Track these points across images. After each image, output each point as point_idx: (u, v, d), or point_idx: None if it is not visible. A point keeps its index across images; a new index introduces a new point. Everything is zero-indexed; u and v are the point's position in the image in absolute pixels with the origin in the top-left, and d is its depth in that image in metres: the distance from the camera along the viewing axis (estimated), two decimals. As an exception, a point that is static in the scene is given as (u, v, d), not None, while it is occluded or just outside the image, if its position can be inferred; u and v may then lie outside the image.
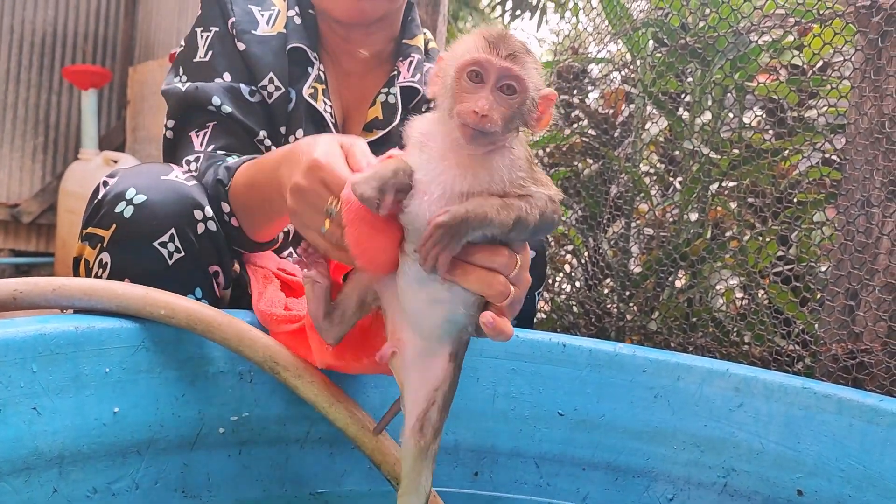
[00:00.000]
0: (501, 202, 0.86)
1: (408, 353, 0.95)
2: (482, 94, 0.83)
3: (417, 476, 0.94)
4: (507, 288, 0.89)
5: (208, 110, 1.35)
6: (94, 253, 1.19)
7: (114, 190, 1.18)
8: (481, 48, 0.84)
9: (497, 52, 0.84)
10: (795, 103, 1.64)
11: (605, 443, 1.25)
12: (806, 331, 1.51)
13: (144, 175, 1.21)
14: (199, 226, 1.19)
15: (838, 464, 1.09)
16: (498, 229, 0.86)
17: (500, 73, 0.84)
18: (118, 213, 1.16)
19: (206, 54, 1.39)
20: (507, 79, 0.84)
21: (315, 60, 1.44)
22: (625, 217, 2.02)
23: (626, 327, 1.95)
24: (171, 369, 1.08)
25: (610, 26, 2.08)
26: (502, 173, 0.86)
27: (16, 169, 5.72)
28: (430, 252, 0.85)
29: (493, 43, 0.84)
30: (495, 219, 0.85)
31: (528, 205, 0.87)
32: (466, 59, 0.84)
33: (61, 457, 0.97)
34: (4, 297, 1.03)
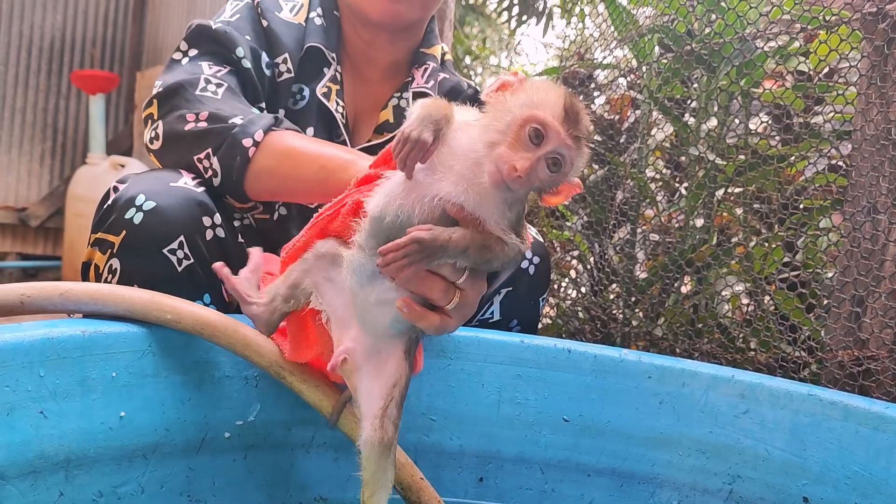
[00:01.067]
0: (483, 242, 0.87)
1: (358, 355, 0.96)
2: (530, 156, 0.83)
3: (384, 473, 0.94)
4: (451, 291, 0.90)
5: (231, 56, 1.35)
6: (104, 258, 1.19)
7: (124, 196, 1.19)
8: (556, 115, 0.83)
9: (567, 128, 0.83)
10: (801, 109, 1.64)
11: (610, 449, 1.25)
12: (812, 337, 1.51)
13: (154, 181, 1.21)
14: (207, 232, 1.20)
15: (844, 471, 1.09)
16: (469, 265, 0.88)
17: (558, 147, 0.84)
18: (128, 219, 1.16)
19: (232, 16, 1.42)
20: (560, 155, 0.84)
21: (332, 61, 1.46)
22: (630, 223, 2.02)
23: (631, 333, 1.95)
24: (177, 374, 1.09)
25: (616, 32, 2.08)
26: (491, 208, 0.87)
27: (24, 173, 5.75)
28: (396, 261, 0.85)
29: (569, 116, 0.84)
30: (472, 256, 0.87)
31: (500, 251, 0.88)
32: (537, 116, 0.83)
33: (67, 460, 0.98)
34: (12, 302, 1.04)
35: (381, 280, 0.90)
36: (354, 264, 0.92)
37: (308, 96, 1.44)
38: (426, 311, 0.91)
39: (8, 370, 0.93)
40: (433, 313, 0.91)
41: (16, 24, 5.69)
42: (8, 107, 5.69)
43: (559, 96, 0.85)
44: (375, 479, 0.94)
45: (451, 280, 0.90)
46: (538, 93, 0.86)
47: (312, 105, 1.44)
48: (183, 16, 5.64)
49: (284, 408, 1.15)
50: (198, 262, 1.19)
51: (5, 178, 5.70)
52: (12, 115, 5.71)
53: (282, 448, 1.16)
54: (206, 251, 1.20)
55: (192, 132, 1.25)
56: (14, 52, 5.69)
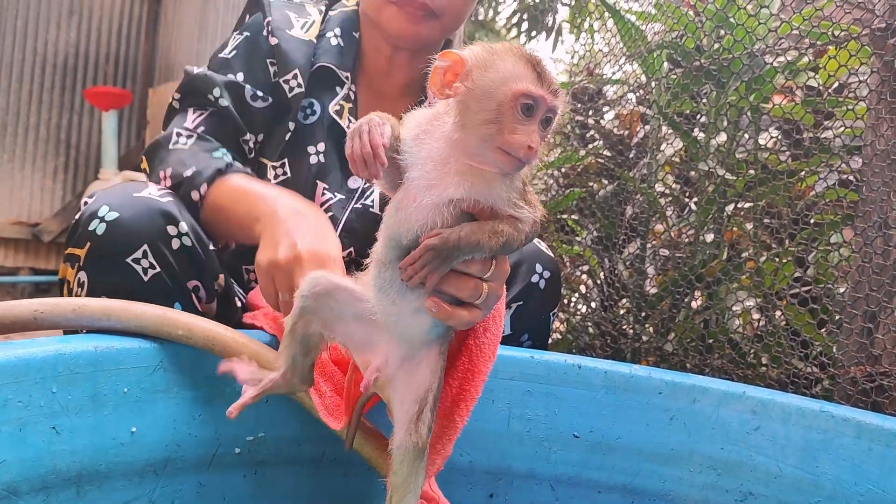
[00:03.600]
0: (492, 228, 0.87)
1: (391, 368, 0.96)
2: (533, 129, 0.83)
3: (416, 477, 0.94)
4: (479, 288, 0.91)
5: (208, 98, 1.42)
6: (73, 272, 1.20)
7: (89, 209, 1.20)
8: (534, 80, 0.84)
9: (548, 87, 0.84)
10: (811, 124, 1.63)
11: (620, 465, 1.24)
12: (824, 353, 1.50)
13: (118, 193, 1.23)
14: (173, 241, 1.21)
15: (857, 488, 1.08)
16: (487, 254, 0.88)
17: (548, 109, 0.84)
18: (91, 230, 1.17)
19: (230, 52, 1.48)
20: (551, 112, 0.85)
21: (346, 81, 1.49)
22: (640, 238, 2.02)
23: (641, 348, 1.94)
24: (188, 389, 1.09)
25: (625, 48, 2.09)
26: (500, 191, 0.87)
27: (37, 189, 5.80)
28: (417, 272, 0.86)
29: (541, 74, 0.84)
30: (486, 245, 0.86)
31: (515, 229, 0.88)
32: (522, 89, 0.83)
33: (79, 476, 0.98)
34: (25, 317, 1.05)
35: (413, 290, 0.90)
36: (381, 283, 0.92)
37: (319, 112, 1.48)
38: (455, 309, 0.90)
39: (21, 386, 0.93)
40: (462, 310, 0.91)
41: (30, 42, 5.76)
42: (22, 123, 5.75)
43: (522, 59, 0.85)
44: (407, 484, 0.94)
45: (480, 276, 0.90)
46: (503, 64, 0.85)
47: (323, 121, 1.47)
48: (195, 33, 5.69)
49: (295, 424, 1.15)
50: (164, 270, 1.19)
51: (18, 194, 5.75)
52: (26, 132, 5.77)
53: (292, 464, 1.17)
54: (174, 260, 1.20)
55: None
56: (28, 68, 5.76)
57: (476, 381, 1.01)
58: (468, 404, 1.01)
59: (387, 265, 0.91)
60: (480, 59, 0.86)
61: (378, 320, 0.94)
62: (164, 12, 6.16)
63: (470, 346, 1.03)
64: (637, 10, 2.09)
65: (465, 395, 1.01)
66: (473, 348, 1.02)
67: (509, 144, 0.83)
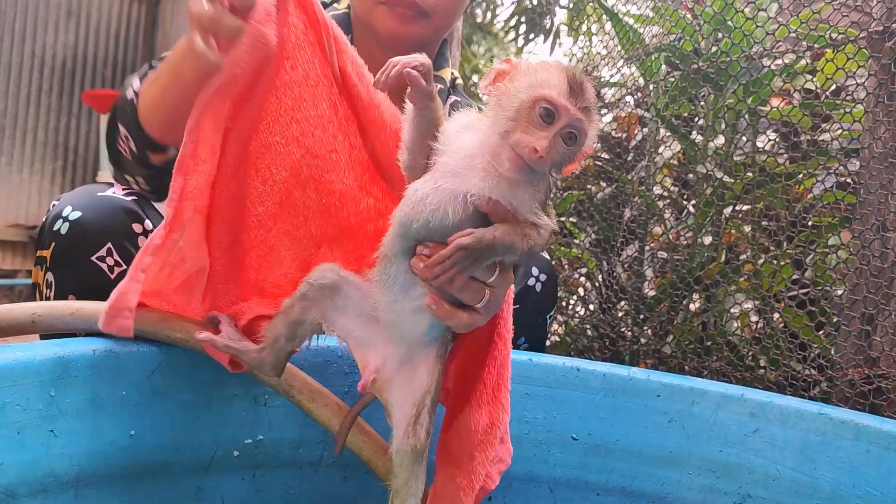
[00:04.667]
0: (524, 232, 0.86)
1: (389, 370, 0.95)
2: (545, 135, 0.83)
3: (416, 481, 0.93)
4: (482, 291, 0.90)
5: None
6: (42, 274, 1.20)
7: (54, 211, 1.20)
8: (562, 91, 0.83)
9: (575, 102, 0.83)
10: (809, 127, 1.64)
11: (619, 468, 1.24)
12: (822, 355, 1.50)
13: (83, 194, 1.23)
14: (139, 239, 1.21)
15: (855, 490, 1.08)
16: (515, 257, 0.87)
17: (570, 122, 0.84)
18: (56, 230, 1.18)
19: None
20: (573, 129, 0.84)
21: None
22: (638, 240, 2.02)
23: (640, 351, 1.94)
24: (186, 392, 1.09)
25: (623, 50, 2.09)
26: (524, 198, 0.87)
27: (35, 192, 5.79)
28: (446, 272, 0.85)
29: (574, 89, 0.84)
30: (518, 248, 0.86)
31: (538, 235, 0.87)
32: (545, 95, 0.83)
33: (77, 479, 0.98)
34: (23, 321, 1.05)
35: (415, 288, 0.90)
36: (385, 279, 0.91)
37: None
38: (455, 310, 0.90)
39: (19, 389, 0.93)
40: (462, 311, 0.90)
41: (28, 44, 5.75)
42: (19, 126, 5.74)
43: (561, 71, 0.85)
44: (407, 487, 0.93)
45: (484, 280, 0.89)
46: (539, 72, 0.85)
47: None
48: (193, 35, 5.66)
49: (293, 427, 1.15)
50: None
51: (16, 197, 5.74)
52: (24, 134, 5.76)
53: (290, 467, 1.16)
54: None
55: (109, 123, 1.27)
56: (26, 71, 5.75)
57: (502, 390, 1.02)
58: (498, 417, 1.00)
59: (392, 260, 0.90)
60: (526, 66, 0.87)
61: (380, 318, 0.94)
62: (162, 15, 6.17)
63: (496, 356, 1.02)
64: (635, 13, 2.10)
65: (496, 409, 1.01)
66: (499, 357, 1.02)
67: (516, 143, 0.83)
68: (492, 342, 1.01)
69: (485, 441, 0.98)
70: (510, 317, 1.03)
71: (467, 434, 0.98)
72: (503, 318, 1.02)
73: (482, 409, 0.99)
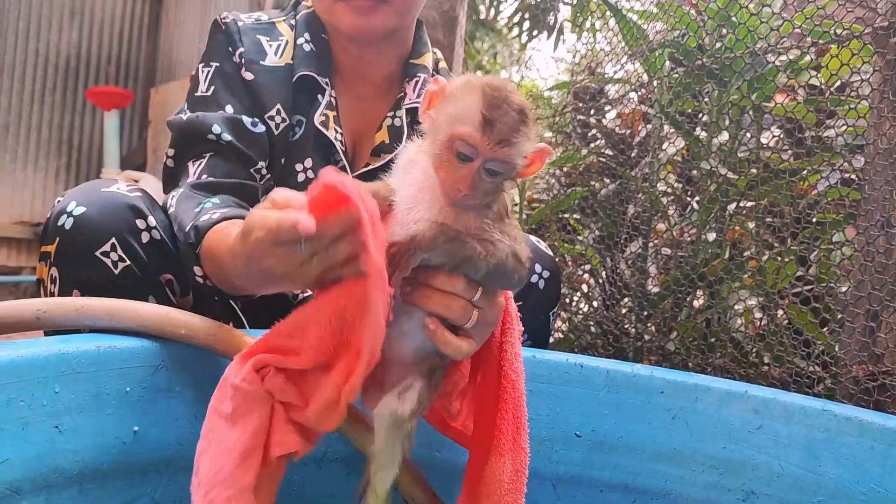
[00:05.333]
0: (456, 234, 0.88)
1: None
2: (465, 173, 0.84)
3: (392, 449, 0.93)
4: (469, 310, 0.91)
5: (208, 139, 1.33)
6: (46, 269, 1.21)
7: (58, 207, 1.21)
8: (476, 126, 0.83)
9: (489, 136, 0.83)
10: (813, 123, 1.63)
11: (622, 464, 1.24)
12: (826, 352, 1.50)
13: (87, 189, 1.23)
14: (143, 235, 1.21)
15: (860, 487, 1.08)
16: (445, 259, 0.88)
17: (487, 157, 0.84)
18: (60, 226, 1.18)
19: (207, 89, 1.40)
20: (493, 164, 0.85)
21: (326, 87, 1.44)
22: (642, 237, 2.02)
23: (643, 348, 1.94)
24: (190, 388, 1.09)
25: (626, 47, 2.09)
26: (469, 216, 0.89)
27: (39, 189, 5.81)
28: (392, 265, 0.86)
29: (488, 121, 0.83)
30: (441, 248, 0.87)
31: (484, 250, 0.88)
32: (459, 133, 0.83)
33: (82, 475, 0.98)
34: (28, 317, 1.05)
35: (404, 311, 0.91)
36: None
37: (304, 126, 1.41)
38: (450, 335, 0.91)
39: (24, 385, 0.93)
40: (456, 337, 0.92)
41: (32, 43, 5.76)
42: (24, 123, 5.76)
43: (477, 100, 0.83)
44: (381, 454, 0.93)
45: (468, 297, 0.90)
46: (458, 101, 0.85)
47: (310, 134, 1.41)
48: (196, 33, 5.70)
49: (297, 423, 1.15)
50: (135, 263, 1.19)
51: (21, 194, 5.76)
52: (28, 132, 5.78)
53: (294, 463, 1.16)
54: (144, 253, 1.20)
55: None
56: (30, 69, 5.77)
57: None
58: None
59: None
60: (451, 91, 0.87)
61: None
62: (166, 12, 6.17)
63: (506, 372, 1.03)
64: (639, 9, 2.09)
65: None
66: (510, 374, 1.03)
67: (441, 183, 0.86)
68: (500, 387, 1.01)
69: (513, 489, 0.99)
70: (518, 360, 1.03)
71: (495, 485, 0.98)
72: (507, 359, 1.02)
73: (504, 456, 0.99)
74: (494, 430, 1.00)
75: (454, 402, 1.05)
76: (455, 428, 1.05)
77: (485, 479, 0.99)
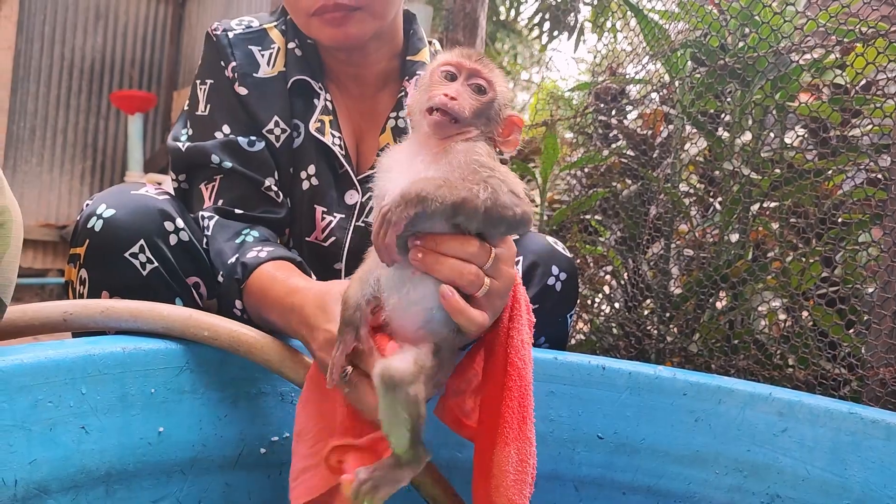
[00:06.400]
0: (444, 182, 0.89)
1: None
2: (452, 86, 0.94)
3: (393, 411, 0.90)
4: (481, 277, 0.91)
5: (211, 167, 1.36)
6: (76, 271, 1.22)
7: (88, 210, 1.23)
8: (453, 54, 0.96)
9: (467, 56, 0.96)
10: (838, 123, 1.62)
11: (645, 467, 1.24)
12: (852, 354, 1.48)
13: (116, 192, 1.25)
14: (171, 237, 1.23)
15: (886, 491, 1.06)
16: (438, 206, 0.87)
17: (470, 72, 0.95)
18: (90, 228, 1.20)
19: (205, 108, 1.41)
20: (476, 78, 0.95)
21: (320, 91, 1.43)
22: (664, 238, 2.01)
23: (666, 349, 1.93)
24: (214, 390, 1.10)
25: (648, 47, 2.08)
26: (459, 157, 0.91)
27: (65, 192, 5.89)
28: (378, 239, 0.88)
29: (464, 52, 0.97)
30: (431, 194, 0.87)
31: (477, 188, 0.89)
32: (440, 61, 0.96)
33: (108, 475, 1.00)
34: (55, 319, 1.06)
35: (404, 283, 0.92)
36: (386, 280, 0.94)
37: (303, 132, 1.41)
38: (464, 303, 0.91)
39: (51, 386, 0.95)
40: (470, 307, 0.91)
41: (58, 48, 5.84)
42: (49, 127, 5.84)
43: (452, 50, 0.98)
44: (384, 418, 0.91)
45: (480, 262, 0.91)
46: (435, 60, 0.99)
47: (309, 141, 1.41)
48: (219, 36, 5.71)
49: (319, 424, 1.16)
50: (163, 265, 1.21)
51: (47, 197, 5.84)
52: (54, 136, 5.85)
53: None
54: (172, 255, 1.22)
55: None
56: (56, 74, 5.85)
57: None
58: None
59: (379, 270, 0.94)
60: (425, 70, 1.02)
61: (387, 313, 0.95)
62: (188, 16, 6.23)
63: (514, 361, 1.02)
64: (660, 9, 2.08)
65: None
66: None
67: (430, 98, 0.92)
68: (506, 374, 1.00)
69: (518, 480, 0.98)
70: (526, 348, 1.02)
71: (500, 475, 0.97)
72: (514, 347, 1.01)
73: (509, 446, 0.98)
74: (500, 420, 0.99)
75: (468, 399, 1.05)
76: (470, 426, 1.05)
77: (492, 470, 0.98)
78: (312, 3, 1.32)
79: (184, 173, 1.40)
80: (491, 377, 1.02)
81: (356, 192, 1.43)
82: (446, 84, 0.94)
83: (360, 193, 1.42)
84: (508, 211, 0.91)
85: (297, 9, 1.37)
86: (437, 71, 0.95)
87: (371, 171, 1.43)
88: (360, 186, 1.42)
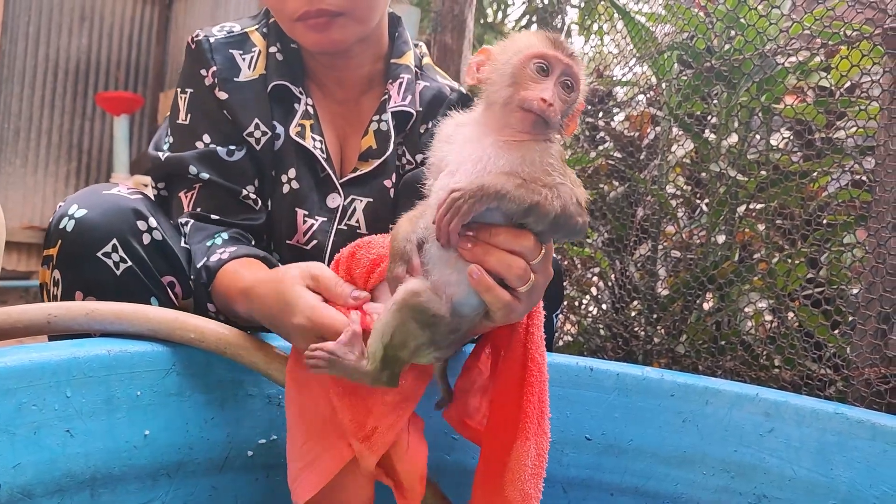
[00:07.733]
0: (522, 181, 0.87)
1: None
2: (547, 85, 0.89)
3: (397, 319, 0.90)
4: (528, 272, 0.90)
5: (189, 178, 1.35)
6: (49, 272, 1.21)
7: (60, 211, 1.22)
8: (546, 45, 0.90)
9: (562, 51, 0.90)
10: (823, 125, 1.63)
11: (633, 468, 1.24)
12: (837, 354, 1.49)
13: (88, 193, 1.25)
14: (144, 236, 1.22)
15: (872, 490, 1.07)
16: (514, 206, 0.86)
17: (564, 69, 0.90)
18: (62, 228, 1.19)
19: (185, 117, 1.40)
20: (568, 76, 0.91)
21: (301, 95, 1.42)
22: (651, 239, 2.02)
23: (653, 350, 1.94)
24: (200, 392, 1.10)
25: (635, 49, 2.08)
26: (534, 156, 0.89)
27: (49, 193, 5.84)
28: (442, 221, 0.87)
29: (556, 42, 0.91)
30: (511, 193, 0.86)
31: (550, 193, 0.88)
32: (534, 52, 0.90)
33: (93, 479, 0.99)
34: (39, 322, 1.05)
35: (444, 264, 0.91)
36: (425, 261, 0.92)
37: (283, 136, 1.40)
38: (496, 285, 0.89)
39: (35, 389, 0.94)
40: (503, 289, 0.90)
41: (42, 48, 5.80)
42: (34, 128, 5.79)
43: (536, 34, 0.92)
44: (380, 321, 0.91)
45: (531, 258, 0.89)
46: (518, 40, 0.92)
47: (289, 145, 1.40)
48: (205, 37, 5.68)
49: (306, 426, 1.15)
50: (137, 265, 1.20)
51: (31, 199, 5.79)
52: (38, 137, 5.81)
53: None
54: (145, 255, 1.21)
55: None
56: (40, 74, 5.80)
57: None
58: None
59: (429, 241, 0.92)
60: (501, 44, 0.94)
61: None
62: (175, 17, 6.20)
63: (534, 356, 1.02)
64: (647, 12, 2.09)
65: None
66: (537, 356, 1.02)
67: (523, 99, 0.88)
68: (526, 369, 1.00)
69: (535, 474, 0.99)
70: (542, 345, 1.02)
71: (519, 469, 0.98)
72: (534, 342, 1.01)
73: (530, 440, 0.98)
74: (520, 414, 0.99)
75: (472, 398, 1.05)
76: (473, 427, 1.04)
77: (510, 464, 0.98)
78: (296, 9, 1.31)
79: (163, 182, 1.40)
80: (506, 373, 1.01)
81: (338, 196, 1.42)
82: (540, 81, 0.89)
83: (341, 197, 1.42)
84: (573, 220, 0.90)
85: (281, 14, 1.36)
86: (531, 62, 0.89)
87: (353, 174, 1.44)
88: (341, 190, 1.42)
